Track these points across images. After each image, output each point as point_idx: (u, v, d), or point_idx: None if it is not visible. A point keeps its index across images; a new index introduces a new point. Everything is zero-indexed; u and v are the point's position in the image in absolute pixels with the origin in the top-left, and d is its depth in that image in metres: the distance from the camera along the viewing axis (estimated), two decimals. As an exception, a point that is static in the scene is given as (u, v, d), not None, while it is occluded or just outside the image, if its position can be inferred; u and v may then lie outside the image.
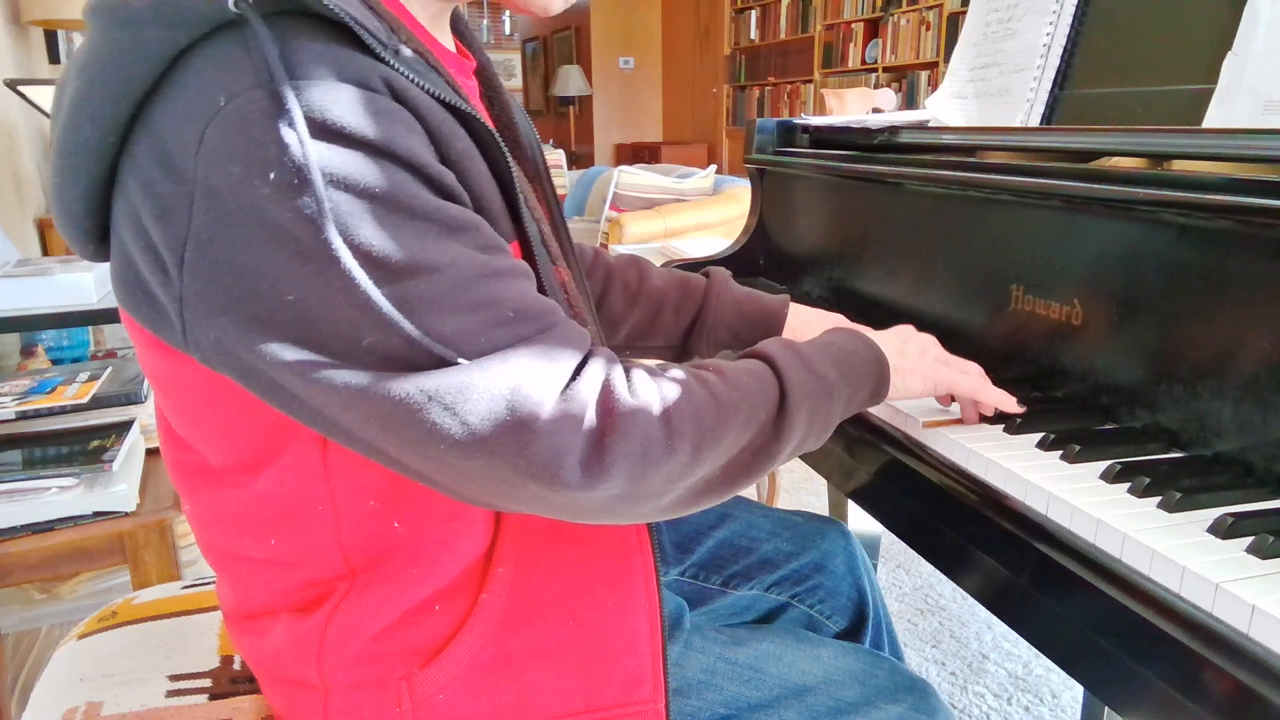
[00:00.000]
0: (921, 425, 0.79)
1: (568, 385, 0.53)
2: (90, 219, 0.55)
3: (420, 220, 0.51)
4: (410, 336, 0.50)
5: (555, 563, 0.66)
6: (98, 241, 0.57)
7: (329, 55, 0.50)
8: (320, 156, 0.48)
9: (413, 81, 0.53)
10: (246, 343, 0.50)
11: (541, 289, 0.63)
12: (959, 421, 0.80)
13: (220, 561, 0.68)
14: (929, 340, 0.81)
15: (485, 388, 0.50)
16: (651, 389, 0.57)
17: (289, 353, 0.50)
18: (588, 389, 0.54)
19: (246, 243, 0.49)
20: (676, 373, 0.60)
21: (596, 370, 0.55)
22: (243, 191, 0.48)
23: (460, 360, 0.51)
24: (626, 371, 0.58)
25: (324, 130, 0.49)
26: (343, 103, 0.49)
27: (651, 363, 0.67)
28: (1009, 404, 0.77)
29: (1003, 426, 0.77)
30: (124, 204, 0.52)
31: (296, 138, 0.48)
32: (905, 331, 0.81)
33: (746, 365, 0.65)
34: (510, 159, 0.60)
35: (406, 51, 0.55)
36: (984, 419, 0.79)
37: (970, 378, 0.78)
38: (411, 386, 0.50)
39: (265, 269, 0.49)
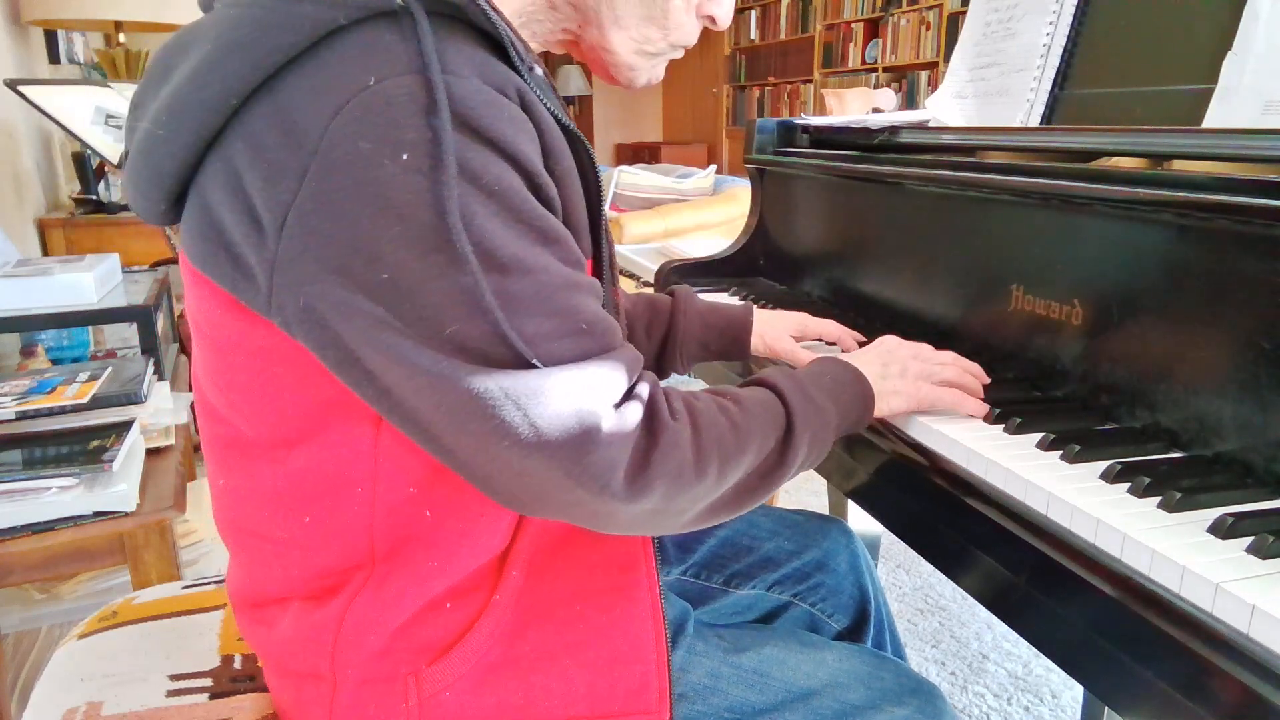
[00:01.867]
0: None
1: (622, 402, 0.57)
2: (178, 177, 0.56)
3: (525, 223, 0.54)
4: (495, 328, 0.52)
5: (564, 568, 0.68)
6: (172, 202, 0.58)
7: (477, 59, 0.54)
8: (458, 148, 0.51)
9: (539, 98, 0.57)
10: (335, 311, 0.52)
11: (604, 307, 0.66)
12: None
13: (240, 541, 0.68)
14: (908, 355, 0.82)
15: (557, 394, 0.53)
16: (685, 414, 0.61)
17: (374, 327, 0.51)
18: (638, 407, 0.58)
19: (355, 215, 0.50)
20: (704, 400, 0.64)
21: (644, 391, 0.59)
22: (367, 167, 0.50)
23: (535, 361, 0.53)
24: (667, 395, 0.61)
25: (464, 125, 0.51)
26: (483, 104, 0.52)
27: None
28: (982, 410, 0.80)
29: (1003, 427, 0.77)
30: (222, 165, 0.54)
31: (438, 126, 0.50)
32: (885, 351, 0.83)
33: (758, 396, 0.69)
34: (598, 178, 0.64)
35: (538, 71, 0.60)
36: (984, 419, 0.79)
37: (950, 393, 0.80)
38: (490, 382, 0.52)
39: (368, 243, 0.51)
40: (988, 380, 0.84)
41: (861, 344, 1.01)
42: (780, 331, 1.01)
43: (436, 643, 0.64)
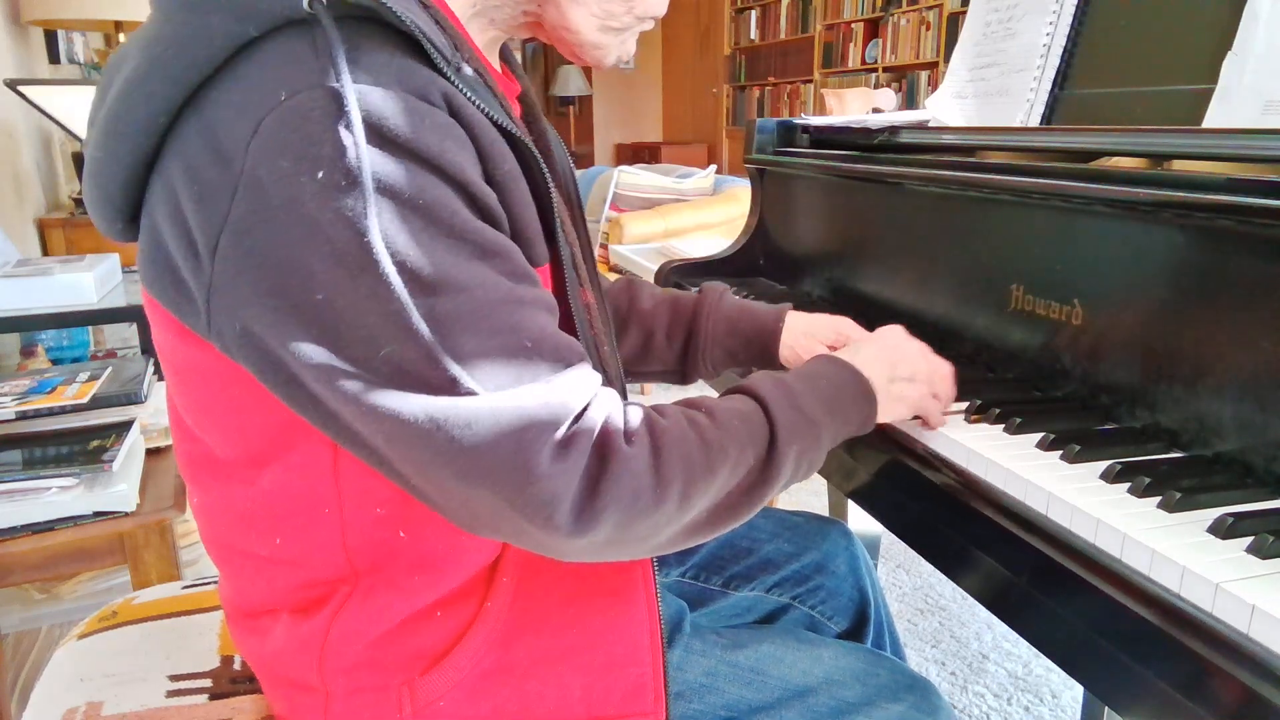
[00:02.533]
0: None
1: (570, 427, 0.53)
2: (125, 197, 0.55)
3: (456, 238, 0.51)
4: (429, 351, 0.49)
5: (558, 572, 0.66)
6: (127, 221, 0.57)
7: (394, 64, 0.51)
8: (373, 162, 0.48)
9: (469, 99, 0.54)
10: (270, 335, 0.50)
11: (568, 309, 0.63)
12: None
13: (224, 556, 0.68)
14: (915, 354, 0.77)
15: (493, 422, 0.50)
16: (644, 436, 0.57)
17: (311, 350, 0.50)
18: (587, 434, 0.54)
19: (284, 237, 0.49)
20: (671, 416, 0.60)
21: (597, 414, 0.55)
22: (289, 186, 0.48)
23: (472, 384, 0.50)
24: (625, 415, 0.57)
25: (380, 137, 0.49)
26: (402, 112, 0.50)
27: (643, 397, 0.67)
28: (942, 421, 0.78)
29: (1003, 427, 0.77)
30: (163, 185, 0.52)
31: (352, 140, 0.48)
32: (893, 347, 0.77)
33: (737, 407, 0.64)
34: (550, 183, 0.61)
35: (468, 70, 0.56)
36: (983, 419, 0.79)
37: (936, 408, 0.77)
38: (421, 407, 0.50)
39: (299, 265, 0.49)
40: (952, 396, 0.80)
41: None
42: (813, 343, 0.90)
43: (428, 651, 0.64)
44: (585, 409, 0.55)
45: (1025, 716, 1.57)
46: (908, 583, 2.02)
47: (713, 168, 3.97)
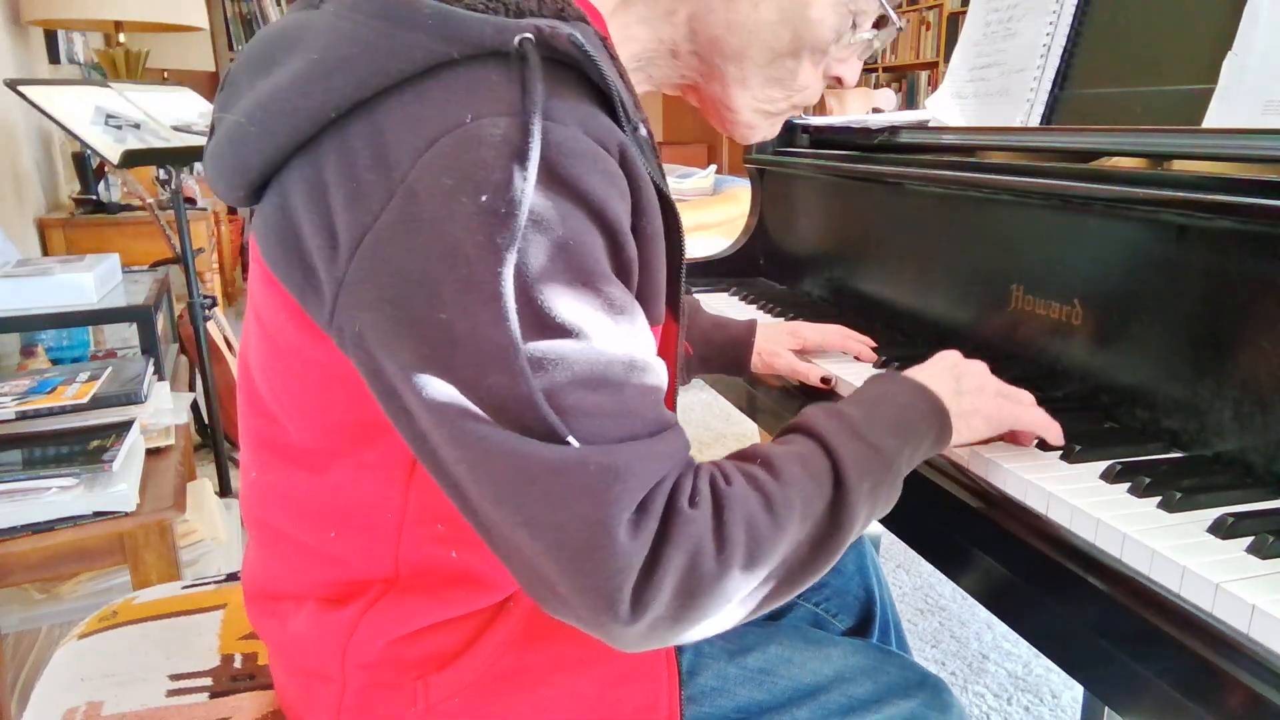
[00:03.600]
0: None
1: (648, 498, 0.51)
2: (261, 172, 0.55)
3: (592, 288, 0.51)
4: (533, 391, 0.49)
5: None
6: (251, 191, 0.57)
7: (581, 110, 0.52)
8: (534, 198, 0.48)
9: (638, 159, 0.55)
10: (384, 344, 0.50)
11: (673, 366, 0.63)
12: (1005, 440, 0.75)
13: (264, 536, 0.68)
14: (980, 369, 0.73)
15: (579, 476, 0.49)
16: (707, 499, 0.53)
17: (418, 367, 0.49)
18: (658, 507, 0.51)
19: (424, 252, 0.49)
20: (730, 475, 0.56)
21: (670, 484, 0.53)
22: (445, 204, 0.48)
23: (568, 434, 0.49)
24: (694, 476, 0.55)
25: (549, 174, 0.49)
26: (579, 154, 0.50)
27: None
28: (1057, 435, 0.73)
29: (1003, 426, 0.77)
30: (311, 172, 0.53)
31: (524, 174, 0.48)
32: (953, 365, 0.72)
33: (797, 451, 0.59)
34: (683, 247, 0.61)
35: (643, 131, 0.57)
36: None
37: (1033, 411, 0.73)
38: (513, 445, 0.49)
39: (430, 281, 0.49)
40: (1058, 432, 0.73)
41: (873, 349, 1.00)
42: (775, 347, 0.97)
43: (446, 650, 0.64)
44: (665, 478, 0.53)
45: (1025, 716, 1.57)
46: (908, 583, 2.02)
47: (713, 168, 3.97)
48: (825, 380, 0.96)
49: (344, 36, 0.52)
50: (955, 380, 0.70)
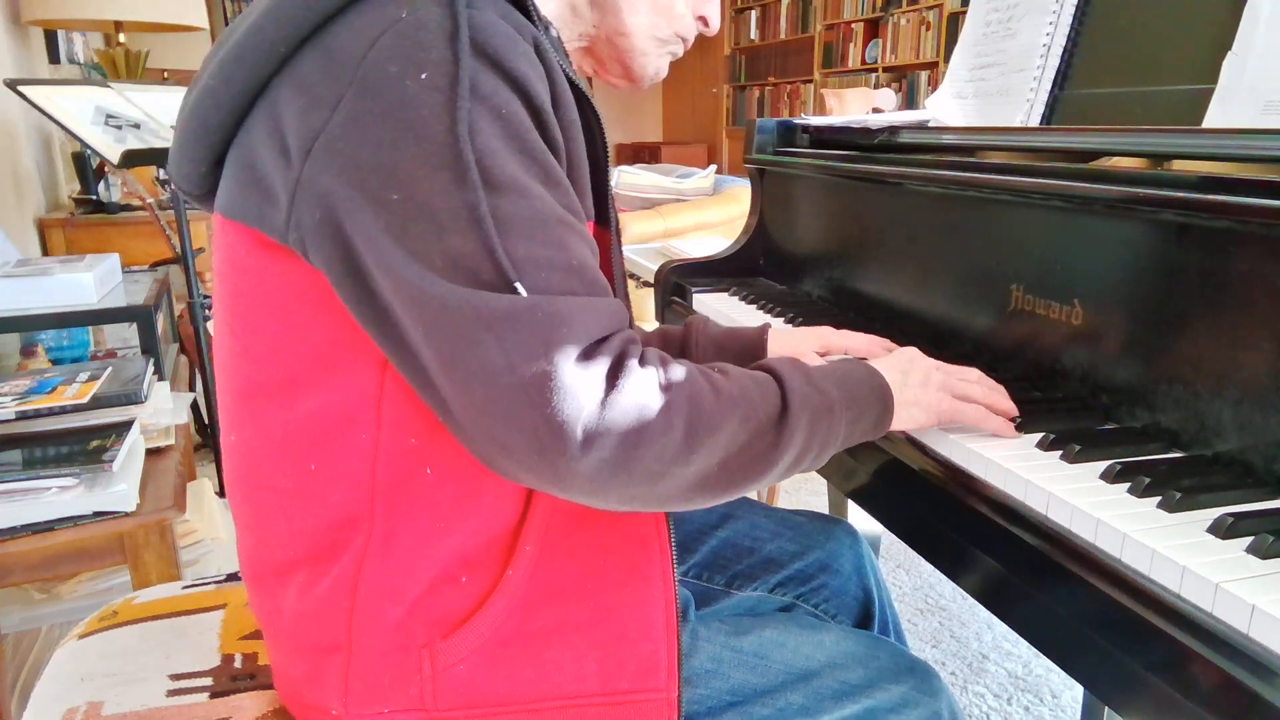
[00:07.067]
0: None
1: (595, 345, 0.57)
2: (221, 131, 0.61)
3: (527, 155, 0.57)
4: (487, 244, 0.54)
5: (578, 545, 0.68)
6: (212, 164, 0.63)
7: (499, 4, 0.59)
8: (472, 70, 0.55)
9: (551, 53, 0.61)
10: (347, 219, 0.55)
11: (613, 276, 0.68)
12: None
13: (247, 498, 0.69)
14: (930, 366, 0.79)
15: (530, 319, 0.54)
16: (656, 368, 0.60)
17: (379, 234, 0.54)
18: (608, 353, 0.57)
19: (379, 136, 0.54)
20: (686, 364, 0.63)
21: (618, 341, 0.59)
22: (392, 87, 0.54)
23: (519, 285, 0.54)
24: (644, 350, 0.61)
25: (481, 52, 0.56)
26: (501, 36, 0.57)
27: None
28: (1008, 429, 0.76)
29: (1003, 426, 0.77)
30: (266, 111, 0.58)
31: (458, 49, 0.55)
32: (905, 359, 0.79)
33: (750, 372, 0.67)
34: (605, 146, 0.67)
35: (554, 33, 0.66)
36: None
37: (974, 409, 0.76)
38: (467, 298, 0.53)
39: (387, 158, 0.54)
40: (1014, 410, 0.78)
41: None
42: (802, 352, 0.94)
43: (451, 616, 0.65)
44: (612, 334, 0.59)
45: (1025, 716, 1.57)
46: (908, 583, 2.02)
47: (713, 168, 3.97)
48: None
49: None
50: (902, 373, 0.77)
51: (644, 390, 0.57)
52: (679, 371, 0.60)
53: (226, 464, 0.71)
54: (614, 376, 0.57)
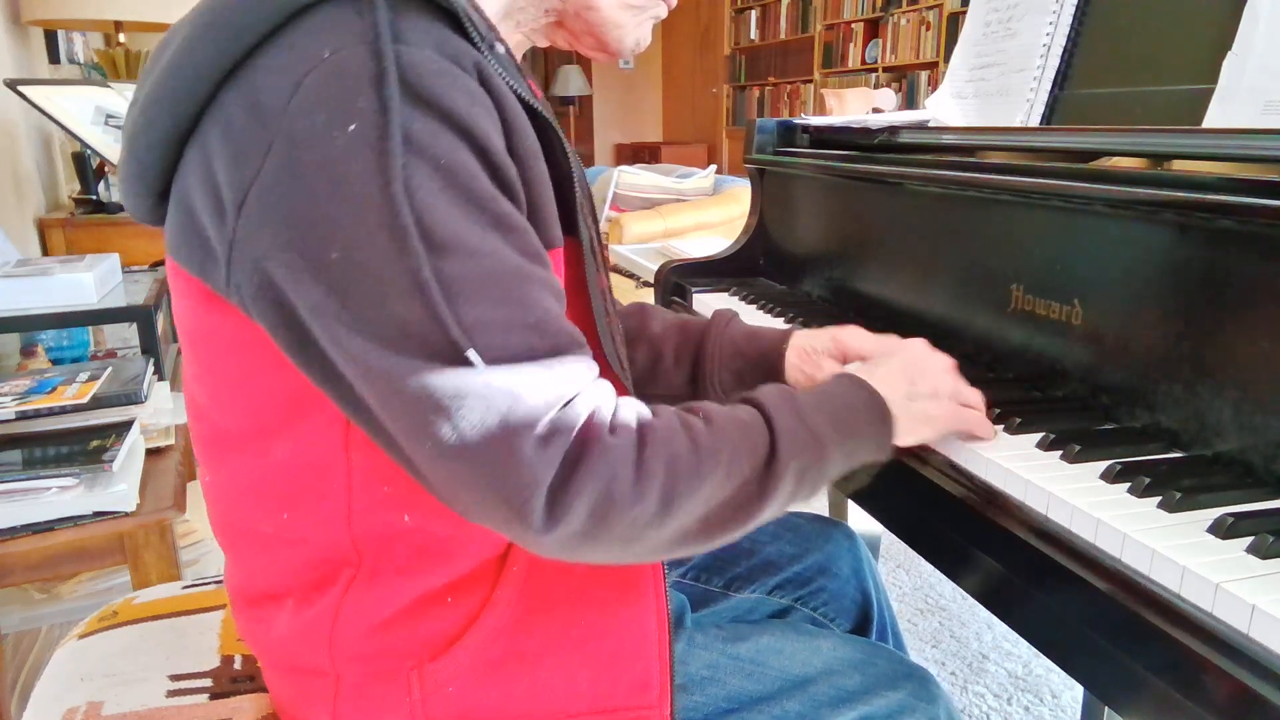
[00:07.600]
0: None
1: (558, 414, 0.53)
2: (158, 170, 0.57)
3: (474, 204, 0.52)
4: (434, 311, 0.50)
5: (567, 563, 0.66)
6: (157, 197, 0.59)
7: (433, 31, 0.53)
8: (404, 119, 0.50)
9: (499, 74, 0.56)
10: (288, 286, 0.51)
11: (587, 295, 0.64)
12: None
13: (231, 539, 0.68)
14: (939, 369, 0.75)
15: (482, 399, 0.50)
16: (630, 429, 0.56)
17: (322, 303, 0.51)
18: (572, 423, 0.53)
19: (310, 190, 0.50)
20: (664, 415, 0.59)
21: (586, 404, 0.55)
22: (321, 140, 0.50)
23: (470, 352, 0.51)
24: (616, 408, 0.57)
25: (413, 95, 0.51)
26: (436, 74, 0.52)
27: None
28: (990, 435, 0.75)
29: (1003, 427, 0.77)
30: (198, 152, 0.54)
31: (386, 95, 0.50)
32: (914, 363, 0.74)
33: (737, 414, 0.62)
34: (572, 164, 0.62)
35: (500, 49, 0.58)
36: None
37: (973, 415, 0.74)
38: (414, 372, 0.50)
39: (321, 218, 0.50)
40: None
41: None
42: (817, 358, 0.87)
43: (438, 637, 0.64)
44: (575, 398, 0.54)
45: (1025, 716, 1.57)
46: (908, 583, 2.02)
47: (713, 168, 3.97)
48: None
49: (207, 7, 0.54)
50: (909, 384, 0.72)
51: (612, 461, 0.53)
52: (655, 432, 0.56)
53: (208, 503, 0.69)
54: (578, 449, 0.53)
